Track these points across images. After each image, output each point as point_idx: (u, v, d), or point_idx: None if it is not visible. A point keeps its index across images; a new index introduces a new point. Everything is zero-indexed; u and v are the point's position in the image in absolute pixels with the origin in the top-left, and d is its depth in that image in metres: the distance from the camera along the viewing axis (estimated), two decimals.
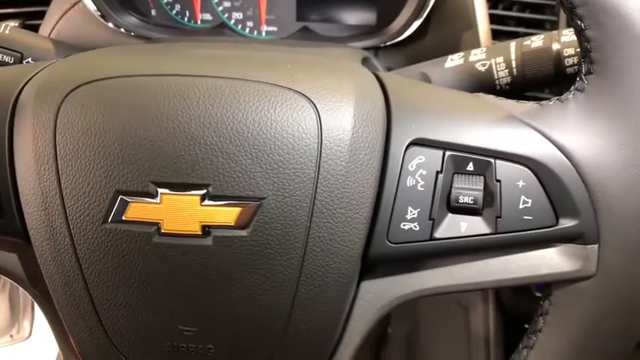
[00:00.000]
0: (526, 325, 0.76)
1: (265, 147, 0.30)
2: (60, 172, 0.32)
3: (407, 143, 0.32)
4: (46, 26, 0.73)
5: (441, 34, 0.66)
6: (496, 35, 0.65)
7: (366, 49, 0.67)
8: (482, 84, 0.45)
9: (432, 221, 0.32)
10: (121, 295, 0.34)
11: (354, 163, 0.31)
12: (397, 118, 0.32)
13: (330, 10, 0.72)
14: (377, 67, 0.59)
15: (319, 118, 0.31)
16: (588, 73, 0.31)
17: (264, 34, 0.74)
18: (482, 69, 0.44)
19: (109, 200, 0.32)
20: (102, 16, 0.67)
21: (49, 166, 0.32)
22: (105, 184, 0.31)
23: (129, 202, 0.32)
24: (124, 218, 0.32)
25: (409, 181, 0.32)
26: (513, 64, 0.42)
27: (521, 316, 0.73)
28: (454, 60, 0.46)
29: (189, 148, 0.30)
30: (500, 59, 0.43)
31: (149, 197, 0.31)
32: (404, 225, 0.32)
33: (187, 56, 0.35)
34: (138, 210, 0.32)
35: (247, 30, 0.74)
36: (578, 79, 0.32)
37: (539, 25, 0.67)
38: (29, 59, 0.51)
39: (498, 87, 0.44)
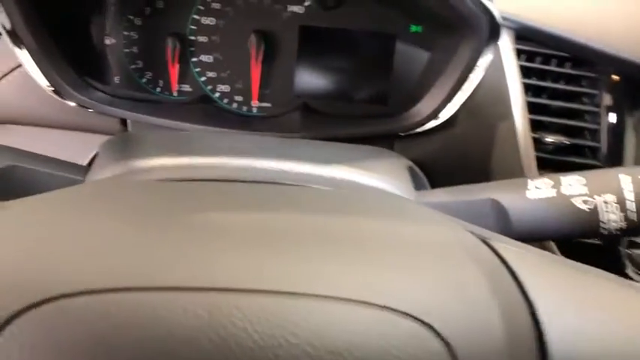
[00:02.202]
0: None
1: None
2: None
3: None
4: None
5: (473, 121, 0.56)
6: (535, 125, 0.57)
7: (380, 136, 0.57)
8: (582, 226, 0.34)
9: None
10: None
11: None
12: (554, 343, 0.21)
13: (334, 85, 0.60)
14: (424, 181, 0.48)
15: None
16: None
17: (255, 110, 0.61)
18: (584, 207, 0.34)
19: None
20: (56, 92, 0.52)
21: None
22: None
23: None
24: None
25: None
26: (632, 206, 0.32)
27: None
28: (540, 189, 0.36)
29: None
30: (610, 197, 0.33)
31: None
32: None
33: (202, 230, 0.22)
34: None
35: (235, 105, 0.61)
36: None
37: (578, 116, 0.59)
38: None
39: (605, 232, 0.34)
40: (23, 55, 0.50)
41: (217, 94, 0.61)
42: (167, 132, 0.52)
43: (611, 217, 0.33)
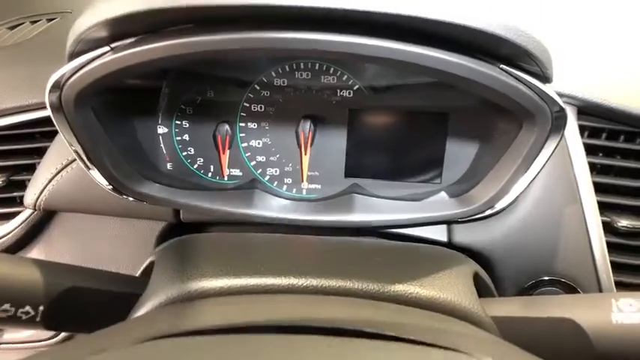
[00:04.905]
0: None
1: None
2: None
3: None
4: (35, 184, 0.60)
5: (535, 206, 0.53)
6: (603, 208, 0.53)
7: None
8: None
9: None
10: None
11: None
12: None
13: (385, 166, 0.59)
14: (489, 285, 0.45)
15: None
16: None
17: (304, 192, 0.61)
18: None
19: None
20: (113, 189, 0.53)
21: None
22: None
23: None
24: None
25: None
26: None
27: None
28: (626, 312, 0.33)
29: None
30: None
31: None
32: None
33: None
34: None
35: (284, 187, 0.61)
36: None
37: None
38: (6, 305, 0.36)
39: None
40: (82, 159, 0.51)
41: (267, 177, 0.61)
42: (223, 238, 0.51)
43: None
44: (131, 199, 0.55)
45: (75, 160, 0.59)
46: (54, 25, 0.70)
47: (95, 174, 0.53)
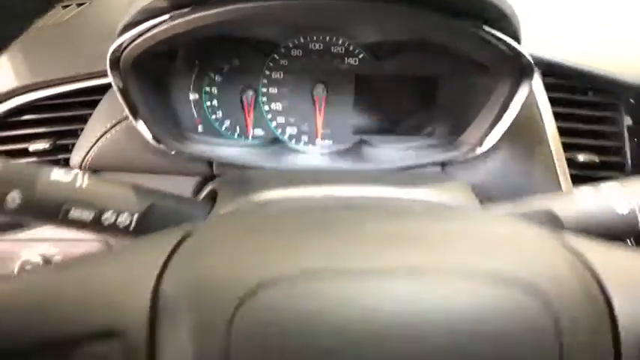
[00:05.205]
0: None
1: None
2: None
3: None
4: (81, 146, 0.68)
5: (513, 148, 0.65)
6: (566, 148, 0.65)
7: (432, 165, 0.65)
8: (622, 226, 0.42)
9: None
10: None
11: None
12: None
13: (387, 122, 0.70)
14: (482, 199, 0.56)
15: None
16: None
17: (319, 147, 0.71)
18: (623, 211, 0.42)
19: None
20: (158, 141, 0.62)
21: None
22: None
23: None
24: None
25: None
26: None
27: None
28: (586, 197, 0.44)
29: None
30: None
31: None
32: None
33: (350, 236, 0.30)
34: None
35: (302, 143, 0.71)
36: None
37: (603, 137, 0.67)
38: (108, 213, 0.44)
39: None
40: (132, 115, 0.59)
41: (286, 136, 0.71)
42: (270, 171, 0.61)
43: None
44: (172, 152, 0.64)
45: (118, 123, 0.67)
46: (83, 9, 0.78)
47: (143, 129, 0.61)
